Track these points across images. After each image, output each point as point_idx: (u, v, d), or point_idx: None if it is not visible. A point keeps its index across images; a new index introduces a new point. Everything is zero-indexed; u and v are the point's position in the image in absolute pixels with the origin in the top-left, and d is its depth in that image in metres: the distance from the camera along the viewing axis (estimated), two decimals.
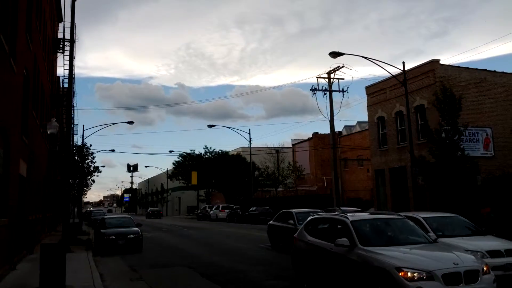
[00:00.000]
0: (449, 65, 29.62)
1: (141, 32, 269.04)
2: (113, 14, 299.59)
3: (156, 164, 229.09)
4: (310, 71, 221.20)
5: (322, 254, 9.83)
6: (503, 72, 30.81)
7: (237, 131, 54.40)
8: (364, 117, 37.82)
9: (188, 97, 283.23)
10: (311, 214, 14.08)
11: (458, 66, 29.97)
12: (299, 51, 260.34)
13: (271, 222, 20.57)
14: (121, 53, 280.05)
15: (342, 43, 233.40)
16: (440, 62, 29.08)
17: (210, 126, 53.12)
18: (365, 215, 10.62)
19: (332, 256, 9.34)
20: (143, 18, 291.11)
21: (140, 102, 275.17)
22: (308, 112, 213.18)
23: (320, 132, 63.53)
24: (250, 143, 52.84)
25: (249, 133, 52.84)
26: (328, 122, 33.15)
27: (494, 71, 30.85)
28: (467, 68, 30.17)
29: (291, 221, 17.63)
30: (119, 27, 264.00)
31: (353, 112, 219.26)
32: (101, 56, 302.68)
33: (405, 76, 25.91)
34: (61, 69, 35.88)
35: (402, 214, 11.32)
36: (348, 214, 10.03)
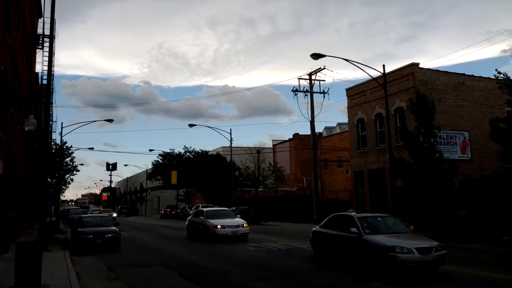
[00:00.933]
0: (428, 69, 30.03)
1: (112, 31, 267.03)
2: (84, 12, 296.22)
3: (135, 162, 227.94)
4: (284, 73, 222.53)
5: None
6: (480, 77, 31.31)
7: (218, 130, 54.36)
8: (344, 118, 38.14)
9: (159, 96, 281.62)
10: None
11: (437, 70, 30.39)
12: (272, 52, 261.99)
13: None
14: (93, 52, 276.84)
15: (314, 46, 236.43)
16: (420, 66, 29.47)
17: (191, 125, 52.86)
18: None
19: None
20: (113, 17, 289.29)
21: (109, 100, 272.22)
22: (281, 113, 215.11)
23: (299, 132, 63.78)
24: (231, 143, 52.80)
25: (230, 133, 52.85)
26: (305, 123, 33.33)
27: (472, 75, 31.36)
28: (446, 72, 30.60)
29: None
30: (90, 26, 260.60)
31: (334, 114, 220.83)
32: (73, 54, 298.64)
33: (385, 79, 26.19)
34: (40, 66, 35.36)
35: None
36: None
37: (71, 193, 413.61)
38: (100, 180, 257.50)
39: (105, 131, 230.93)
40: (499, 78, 21.45)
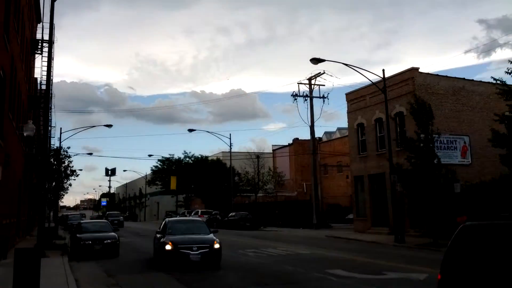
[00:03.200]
0: (428, 73, 30.01)
1: (89, 39, 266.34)
2: (57, 20, 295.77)
3: (134, 167, 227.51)
4: (264, 79, 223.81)
5: None
6: (480, 81, 31.32)
7: (217, 135, 54.25)
8: (344, 123, 38.10)
9: (141, 103, 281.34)
10: None
11: (437, 75, 30.39)
12: (250, 60, 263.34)
13: None
14: (72, 59, 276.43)
15: (290, 53, 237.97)
16: (419, 70, 29.47)
17: (190, 130, 52.81)
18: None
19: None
20: (89, 25, 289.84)
21: (84, 105, 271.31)
22: (260, 118, 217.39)
23: (298, 137, 63.72)
24: (231, 148, 52.73)
25: (230, 138, 52.73)
26: (305, 128, 33.26)
27: (472, 79, 31.40)
28: (446, 76, 30.61)
29: None
30: (66, 34, 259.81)
31: (333, 119, 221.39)
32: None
33: (384, 84, 26.16)
34: (39, 71, 35.30)
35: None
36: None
37: (70, 199, 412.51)
38: (99, 186, 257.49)
39: (95, 136, 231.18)
40: (498, 82, 21.44)
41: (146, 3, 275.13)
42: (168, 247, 15.22)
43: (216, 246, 15.71)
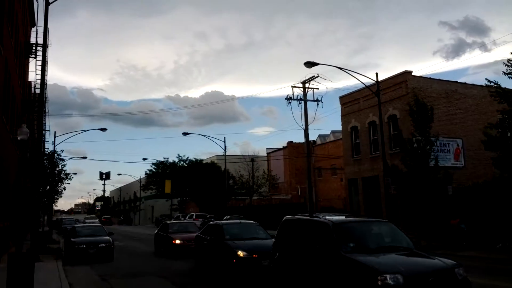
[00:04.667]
0: (421, 77, 30.18)
1: (69, 45, 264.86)
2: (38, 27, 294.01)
3: (128, 171, 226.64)
4: (243, 83, 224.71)
5: None
6: (473, 84, 31.51)
7: (212, 139, 54.31)
8: (338, 126, 38.20)
9: (117, 106, 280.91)
10: None
11: (430, 78, 30.55)
12: (229, 64, 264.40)
13: None
14: (52, 66, 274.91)
15: (269, 58, 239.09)
16: (412, 74, 29.63)
17: (184, 134, 52.73)
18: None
19: None
20: (68, 32, 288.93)
21: (58, 108, 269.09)
22: (239, 121, 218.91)
23: (292, 140, 63.76)
24: (225, 151, 52.64)
25: (224, 141, 52.80)
26: (299, 131, 33.31)
27: (465, 83, 31.61)
28: (439, 79, 30.78)
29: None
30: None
31: (327, 122, 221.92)
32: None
33: (378, 87, 26.28)
34: (33, 74, 35.21)
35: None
36: None
37: (64, 203, 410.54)
38: (94, 190, 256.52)
39: (80, 141, 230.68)
40: (491, 84, 21.59)
41: (122, 10, 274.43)
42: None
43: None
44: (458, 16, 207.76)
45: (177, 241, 21.02)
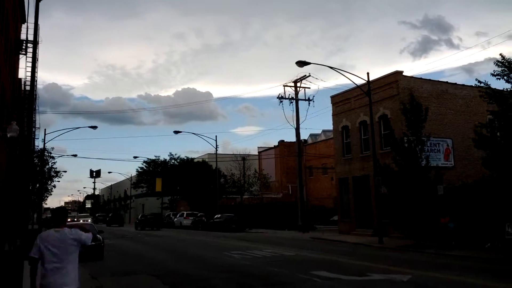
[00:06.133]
0: (411, 77, 30.35)
1: (45, 45, 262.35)
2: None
3: (118, 169, 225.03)
4: (222, 82, 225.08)
5: None
6: (463, 85, 31.72)
7: (203, 137, 54.25)
8: (329, 125, 38.29)
9: (95, 104, 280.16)
10: None
11: (421, 78, 30.72)
12: (209, 64, 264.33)
13: None
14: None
15: (247, 58, 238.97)
16: (404, 74, 29.78)
17: (176, 132, 52.65)
18: None
19: None
20: (44, 32, 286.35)
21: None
22: (214, 119, 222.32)
23: (284, 139, 63.88)
24: (216, 150, 52.66)
25: (216, 140, 52.66)
26: (290, 130, 33.40)
27: (455, 83, 31.80)
28: (429, 80, 30.97)
29: None
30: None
31: (319, 121, 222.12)
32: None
33: (369, 87, 26.40)
34: (23, 71, 34.96)
35: None
36: None
37: (52, 201, 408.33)
38: (84, 188, 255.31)
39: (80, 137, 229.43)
40: (481, 85, 21.72)
41: (97, 12, 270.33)
42: None
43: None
44: (433, 16, 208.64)
45: None
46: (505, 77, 20.36)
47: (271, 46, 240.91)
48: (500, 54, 20.44)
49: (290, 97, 32.87)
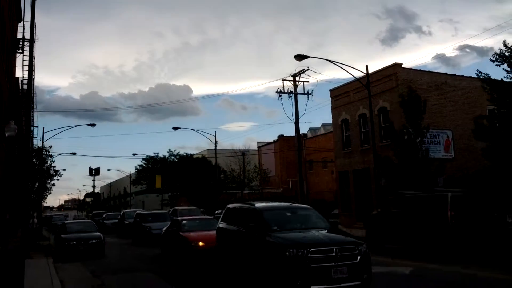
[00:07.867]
0: (411, 69, 30.24)
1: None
2: None
3: (118, 166, 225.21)
4: (205, 79, 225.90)
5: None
6: (463, 76, 31.62)
7: (202, 133, 54.08)
8: (329, 119, 38.19)
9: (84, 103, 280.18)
10: None
11: (420, 70, 30.61)
12: (191, 62, 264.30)
13: None
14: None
15: (228, 56, 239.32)
16: (403, 66, 29.69)
17: (175, 128, 52.53)
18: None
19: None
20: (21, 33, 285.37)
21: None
22: (192, 114, 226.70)
23: (283, 134, 63.77)
24: (216, 146, 52.54)
25: (215, 136, 52.54)
26: (290, 124, 33.30)
27: (455, 74, 31.68)
28: (429, 71, 30.85)
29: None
30: None
31: (318, 115, 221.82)
32: None
33: (368, 79, 26.30)
34: (21, 70, 34.82)
35: None
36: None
37: (53, 199, 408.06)
38: (83, 186, 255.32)
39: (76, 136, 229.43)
40: (481, 77, 21.68)
41: (75, 13, 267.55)
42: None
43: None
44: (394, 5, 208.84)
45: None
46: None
47: (251, 43, 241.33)
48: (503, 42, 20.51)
49: (289, 91, 32.74)
